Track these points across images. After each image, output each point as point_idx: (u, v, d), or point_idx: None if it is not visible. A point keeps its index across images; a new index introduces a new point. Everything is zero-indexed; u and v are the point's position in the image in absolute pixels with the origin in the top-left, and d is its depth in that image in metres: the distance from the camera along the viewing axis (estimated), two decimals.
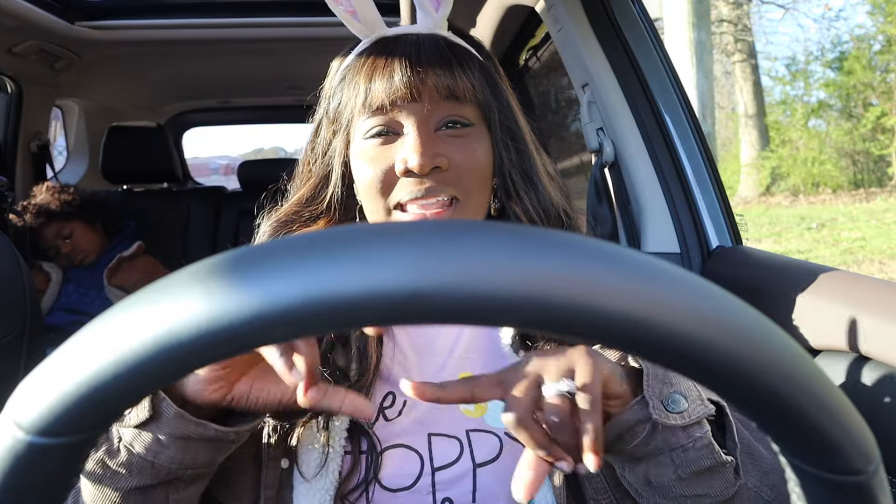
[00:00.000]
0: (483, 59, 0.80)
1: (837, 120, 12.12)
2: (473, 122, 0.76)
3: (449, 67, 0.74)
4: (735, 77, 13.96)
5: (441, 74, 0.73)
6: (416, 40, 0.76)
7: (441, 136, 0.74)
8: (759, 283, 1.00)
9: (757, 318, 0.25)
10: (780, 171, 11.99)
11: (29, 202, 2.36)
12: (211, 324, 0.22)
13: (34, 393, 0.24)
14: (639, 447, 0.60)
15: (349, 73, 0.78)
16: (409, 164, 0.71)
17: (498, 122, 0.78)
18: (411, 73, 0.72)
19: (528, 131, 0.81)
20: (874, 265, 6.61)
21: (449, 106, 0.74)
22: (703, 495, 0.60)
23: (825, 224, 8.74)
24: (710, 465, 0.59)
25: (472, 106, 0.76)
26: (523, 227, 0.24)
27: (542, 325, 0.23)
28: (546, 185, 0.80)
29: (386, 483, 0.71)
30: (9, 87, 2.40)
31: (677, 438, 0.59)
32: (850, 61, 11.65)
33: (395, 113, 0.74)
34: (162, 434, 0.58)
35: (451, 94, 0.73)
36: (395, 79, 0.72)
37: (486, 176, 0.77)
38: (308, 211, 0.80)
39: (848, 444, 0.25)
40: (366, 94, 0.74)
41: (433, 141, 0.73)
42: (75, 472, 0.26)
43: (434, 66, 0.73)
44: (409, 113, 0.74)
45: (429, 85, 0.72)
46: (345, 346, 0.76)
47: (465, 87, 0.74)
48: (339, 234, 0.24)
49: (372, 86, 0.73)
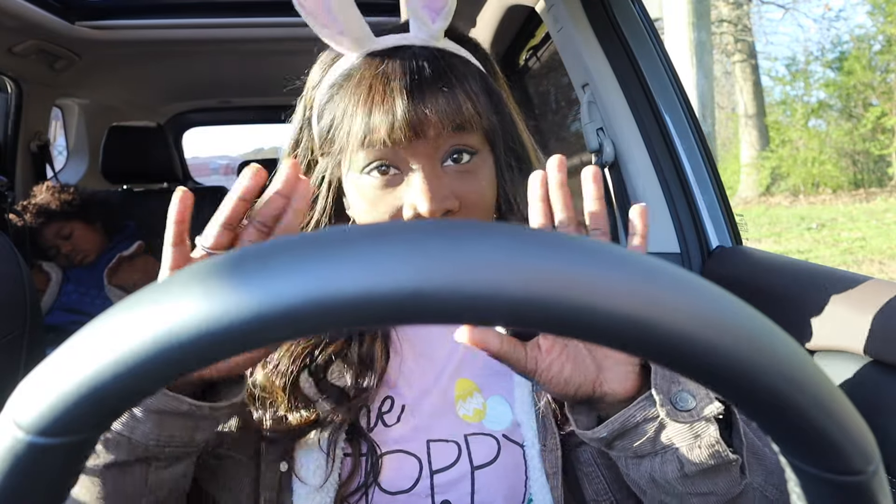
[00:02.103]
0: (481, 62, 0.75)
1: (837, 120, 12.12)
2: (478, 149, 0.71)
3: (453, 93, 0.67)
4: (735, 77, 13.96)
5: (445, 104, 0.66)
6: (414, 60, 0.68)
7: (448, 172, 0.69)
8: (759, 283, 1.00)
9: (757, 319, 0.25)
10: (780, 172, 11.99)
11: (29, 202, 2.36)
12: (211, 324, 0.22)
13: (34, 393, 0.24)
14: (645, 445, 0.60)
15: (340, 94, 0.70)
16: (420, 210, 0.66)
17: (503, 145, 0.74)
18: (415, 107, 0.65)
19: (530, 146, 0.78)
20: (874, 265, 6.61)
21: (454, 136, 0.68)
22: (709, 493, 0.60)
23: (825, 224, 8.74)
24: (717, 464, 0.59)
25: (478, 132, 0.70)
26: (523, 228, 0.25)
27: (543, 326, 0.23)
28: None
29: (385, 486, 0.71)
30: (9, 87, 2.40)
31: (683, 437, 0.59)
32: (850, 61, 11.65)
33: (397, 148, 0.67)
34: (136, 408, 0.57)
35: (457, 125, 0.67)
36: (398, 114, 0.65)
37: (491, 206, 0.73)
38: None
39: (848, 444, 0.25)
40: (365, 129, 0.66)
41: (441, 180, 0.68)
42: (75, 472, 0.26)
43: (437, 94, 0.66)
44: (413, 150, 0.67)
45: (434, 120, 0.66)
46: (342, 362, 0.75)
47: (471, 115, 0.68)
48: (340, 234, 0.24)
49: (371, 120, 0.66)
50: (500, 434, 0.74)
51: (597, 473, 0.72)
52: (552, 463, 0.71)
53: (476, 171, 0.70)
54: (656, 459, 0.60)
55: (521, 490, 0.72)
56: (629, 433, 0.60)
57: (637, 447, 0.60)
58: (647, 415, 0.59)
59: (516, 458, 0.73)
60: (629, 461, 0.63)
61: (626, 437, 0.61)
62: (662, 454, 0.60)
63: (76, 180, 2.98)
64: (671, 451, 0.59)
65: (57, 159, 2.89)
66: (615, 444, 0.62)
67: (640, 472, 0.62)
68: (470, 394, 0.76)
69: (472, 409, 0.75)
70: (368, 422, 0.74)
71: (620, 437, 0.61)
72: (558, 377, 0.60)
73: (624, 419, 0.60)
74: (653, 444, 0.60)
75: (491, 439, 0.73)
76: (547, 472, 0.71)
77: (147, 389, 0.24)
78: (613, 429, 0.60)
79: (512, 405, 0.76)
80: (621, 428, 0.60)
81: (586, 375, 0.60)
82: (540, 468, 0.71)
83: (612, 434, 0.61)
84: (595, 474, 0.72)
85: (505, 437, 0.74)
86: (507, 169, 0.75)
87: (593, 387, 0.60)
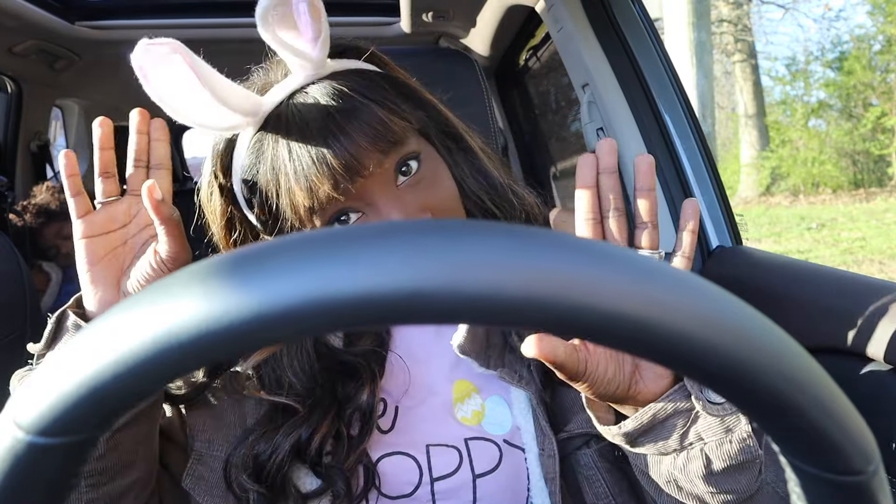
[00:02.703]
0: (369, 60, 0.72)
1: (837, 120, 12.12)
2: (419, 150, 0.67)
3: (371, 114, 0.62)
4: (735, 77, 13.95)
5: (371, 129, 0.62)
6: (315, 104, 0.63)
7: (406, 189, 0.66)
8: (759, 283, 1.00)
9: (757, 318, 0.25)
10: (780, 171, 11.98)
11: (29, 202, 2.36)
12: (211, 323, 0.22)
13: (34, 393, 0.24)
14: (672, 441, 0.58)
15: (261, 172, 0.65)
16: None
17: (435, 134, 0.71)
18: (344, 149, 0.60)
19: (454, 119, 0.74)
20: (874, 265, 6.61)
21: (393, 154, 0.64)
22: (729, 492, 0.58)
23: (825, 224, 8.74)
24: (745, 460, 0.57)
25: (411, 136, 0.67)
26: (523, 228, 0.25)
27: (542, 326, 0.23)
28: (493, 173, 0.74)
29: (385, 490, 0.70)
30: (9, 87, 2.40)
31: (714, 431, 0.57)
32: (850, 61, 11.64)
33: (342, 197, 0.63)
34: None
35: (391, 144, 0.63)
36: (331, 164, 0.60)
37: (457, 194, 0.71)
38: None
39: (848, 444, 0.25)
40: (309, 197, 0.62)
41: (405, 201, 0.65)
42: (75, 472, 0.26)
43: (358, 124, 0.62)
44: (365, 188, 0.64)
45: (368, 149, 0.62)
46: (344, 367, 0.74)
47: (400, 126, 0.64)
48: (340, 234, 0.24)
49: (313, 194, 0.62)
50: (501, 440, 0.73)
51: (597, 477, 0.71)
52: (550, 468, 0.70)
53: (430, 171, 0.68)
54: (681, 457, 0.59)
55: (523, 495, 0.72)
56: (657, 428, 0.58)
57: (663, 444, 0.58)
58: (679, 407, 0.57)
59: (518, 464, 0.72)
60: (650, 459, 0.61)
61: (654, 431, 0.59)
62: (689, 450, 0.58)
63: None
64: (697, 448, 0.58)
65: (57, 159, 2.89)
66: (639, 441, 0.60)
67: (661, 471, 0.60)
68: (468, 395, 0.75)
69: (470, 411, 0.74)
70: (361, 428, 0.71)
71: (647, 432, 0.59)
72: (603, 377, 0.57)
73: (654, 412, 0.58)
74: (680, 440, 0.58)
75: (492, 446, 0.72)
76: (545, 477, 0.70)
77: (147, 390, 0.24)
78: (642, 423, 0.58)
79: (510, 406, 0.75)
80: (651, 422, 0.58)
81: (625, 373, 0.58)
82: (539, 473, 0.70)
83: (639, 429, 0.58)
84: (595, 478, 0.71)
85: (506, 442, 0.73)
86: (448, 153, 0.72)
87: (629, 385, 0.58)
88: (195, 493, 0.69)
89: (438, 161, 0.70)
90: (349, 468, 0.68)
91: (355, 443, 0.69)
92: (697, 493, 0.59)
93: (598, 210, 0.61)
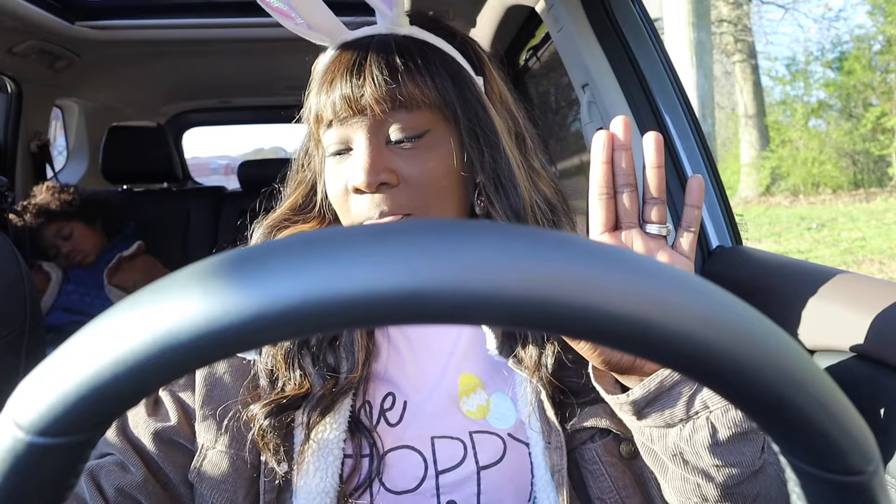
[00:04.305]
0: (458, 48, 0.76)
1: (837, 120, 12.13)
2: (429, 128, 0.71)
3: (394, 73, 0.69)
4: (735, 77, 13.96)
5: (383, 83, 0.69)
6: (367, 46, 0.72)
7: (392, 149, 0.71)
8: (759, 283, 1.00)
9: (757, 318, 0.25)
10: (780, 172, 11.99)
11: (29, 202, 2.37)
12: (210, 324, 0.22)
13: (34, 393, 0.24)
14: (678, 410, 0.60)
15: (314, 82, 0.76)
16: (356, 184, 0.69)
17: (463, 124, 0.73)
18: (351, 86, 0.69)
19: (502, 129, 0.77)
20: (874, 265, 6.61)
21: (398, 115, 0.70)
22: (734, 465, 0.60)
23: (825, 224, 8.74)
24: (750, 428, 0.59)
25: (426, 111, 0.71)
26: (524, 227, 0.25)
27: (542, 326, 0.23)
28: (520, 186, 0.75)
29: (389, 485, 0.71)
30: (9, 87, 2.40)
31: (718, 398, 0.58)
32: (850, 61, 11.65)
33: (345, 128, 0.71)
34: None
35: (398, 103, 0.69)
36: (336, 94, 0.70)
37: (444, 185, 0.73)
38: (300, 217, 0.80)
39: (848, 444, 0.25)
40: (316, 109, 0.72)
41: (382, 155, 0.70)
42: (75, 472, 0.26)
43: (378, 74, 0.69)
44: (357, 127, 0.71)
45: (371, 96, 0.69)
46: (332, 345, 0.76)
47: (413, 94, 0.69)
48: (340, 234, 0.24)
49: (319, 100, 0.72)
50: (506, 433, 0.73)
51: (602, 471, 0.72)
52: (557, 460, 0.71)
53: (425, 148, 0.71)
54: (687, 427, 0.60)
55: (527, 489, 0.72)
56: (663, 396, 0.60)
57: (669, 413, 0.60)
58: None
59: (522, 458, 0.73)
60: (656, 433, 0.63)
61: (660, 400, 0.60)
62: (695, 420, 0.60)
63: (76, 180, 2.98)
64: (703, 416, 0.59)
65: (57, 159, 2.88)
66: (645, 412, 0.61)
67: (667, 444, 0.62)
68: (473, 389, 0.76)
69: (475, 405, 0.75)
70: (371, 419, 0.73)
71: (654, 401, 0.60)
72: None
73: (661, 379, 0.59)
74: (686, 408, 0.59)
75: (496, 439, 0.73)
76: (552, 470, 0.71)
77: (147, 389, 0.24)
78: (649, 390, 0.60)
79: (515, 402, 0.75)
80: (658, 389, 0.60)
81: None
82: (544, 467, 0.71)
83: (646, 396, 0.60)
84: (600, 472, 0.72)
85: (511, 436, 0.73)
86: (472, 149, 0.73)
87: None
88: (202, 487, 0.70)
89: (448, 149, 0.73)
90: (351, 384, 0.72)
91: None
92: (703, 466, 0.61)
93: (612, 185, 0.65)
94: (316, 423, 0.70)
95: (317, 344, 0.75)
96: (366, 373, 0.75)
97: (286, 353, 0.74)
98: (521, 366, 0.74)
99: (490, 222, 0.24)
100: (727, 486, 0.61)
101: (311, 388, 0.72)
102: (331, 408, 0.71)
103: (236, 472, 0.70)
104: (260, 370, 0.74)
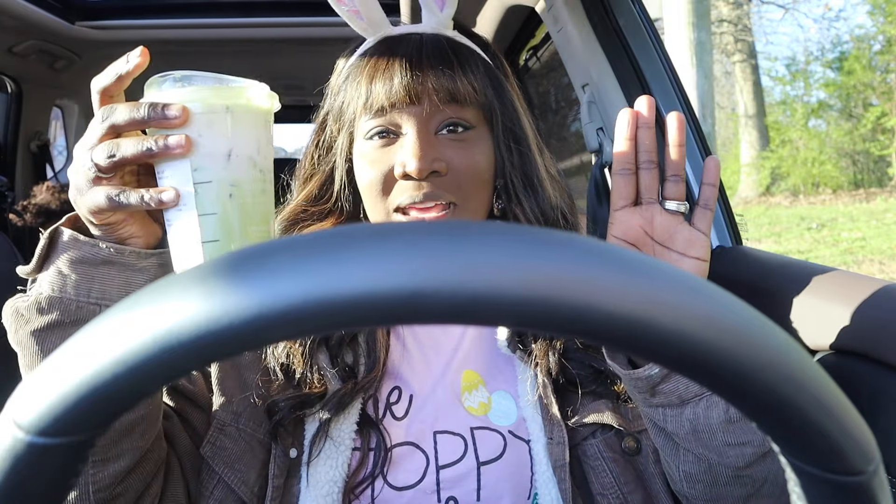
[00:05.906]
0: (489, 58, 0.80)
1: (837, 120, 12.13)
2: (475, 125, 0.75)
3: (450, 69, 0.73)
4: (735, 77, 13.96)
5: (442, 77, 0.73)
6: (419, 41, 0.75)
7: (441, 140, 0.74)
8: (759, 283, 1.00)
9: (757, 318, 0.25)
10: (780, 172, 11.99)
11: (29, 202, 2.37)
12: (210, 324, 0.22)
13: (34, 393, 0.24)
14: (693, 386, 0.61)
15: (353, 71, 0.77)
16: (408, 169, 0.71)
17: (500, 125, 0.77)
18: (411, 75, 0.72)
19: (531, 133, 0.81)
20: (874, 265, 6.61)
21: (450, 109, 0.74)
22: (746, 443, 0.61)
23: (825, 224, 8.74)
24: None
25: (474, 108, 0.75)
26: (523, 227, 0.25)
27: (542, 326, 0.23)
28: (547, 188, 0.79)
29: (392, 481, 0.71)
30: (9, 87, 2.40)
31: None
32: (850, 61, 11.65)
33: (395, 115, 0.74)
34: (61, 263, 0.57)
35: (451, 96, 0.73)
36: (395, 81, 0.72)
37: (486, 179, 0.76)
38: (316, 208, 0.80)
39: (848, 444, 0.25)
40: (367, 94, 0.74)
41: (432, 145, 0.73)
42: (75, 472, 0.26)
43: (435, 67, 0.73)
44: (409, 115, 0.73)
45: (429, 88, 0.72)
46: (352, 344, 0.76)
47: (467, 90, 0.74)
48: (340, 234, 0.24)
49: (373, 87, 0.73)
50: (506, 430, 0.74)
51: (603, 467, 0.72)
52: (559, 456, 0.71)
53: (471, 143, 0.75)
54: (701, 404, 0.61)
55: (527, 486, 0.72)
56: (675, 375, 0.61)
57: (684, 388, 0.61)
58: None
59: (522, 455, 0.73)
60: (670, 411, 0.64)
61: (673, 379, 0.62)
62: (709, 397, 0.61)
63: None
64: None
65: (57, 159, 2.89)
66: (660, 388, 0.63)
67: (681, 421, 0.63)
68: (475, 386, 0.77)
69: (477, 401, 0.76)
70: (377, 412, 0.74)
71: (669, 375, 0.62)
72: None
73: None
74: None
75: (497, 435, 0.74)
76: (554, 466, 0.71)
77: (147, 390, 0.24)
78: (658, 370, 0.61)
79: (516, 400, 0.76)
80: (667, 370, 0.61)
81: None
82: (546, 463, 0.71)
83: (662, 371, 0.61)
84: (602, 468, 0.72)
85: (511, 433, 0.74)
86: (506, 149, 0.77)
87: None
88: (214, 462, 0.70)
89: (488, 146, 0.77)
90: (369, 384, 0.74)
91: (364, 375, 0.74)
92: (716, 444, 0.62)
93: (633, 162, 0.67)
94: (331, 418, 0.71)
95: (336, 342, 0.75)
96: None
97: (303, 351, 0.74)
98: (529, 358, 0.75)
99: (491, 223, 0.24)
100: (738, 468, 0.62)
101: (329, 386, 0.72)
102: (348, 405, 0.72)
103: (251, 453, 0.71)
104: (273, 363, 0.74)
